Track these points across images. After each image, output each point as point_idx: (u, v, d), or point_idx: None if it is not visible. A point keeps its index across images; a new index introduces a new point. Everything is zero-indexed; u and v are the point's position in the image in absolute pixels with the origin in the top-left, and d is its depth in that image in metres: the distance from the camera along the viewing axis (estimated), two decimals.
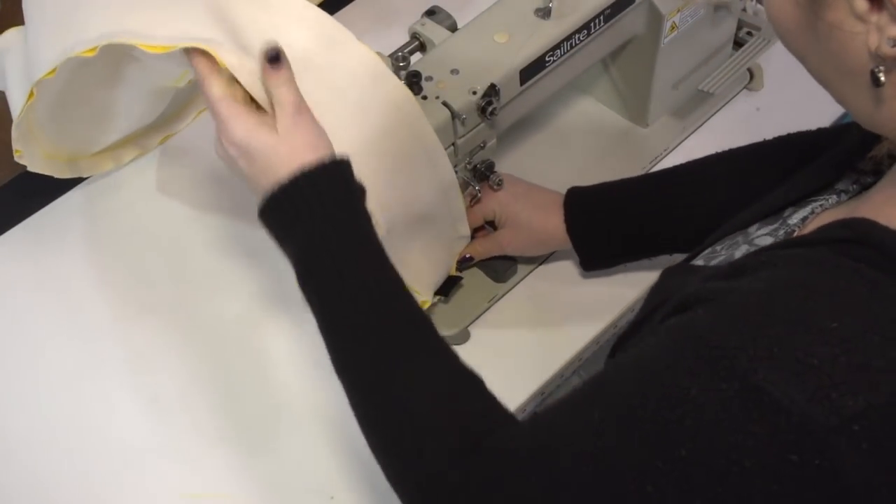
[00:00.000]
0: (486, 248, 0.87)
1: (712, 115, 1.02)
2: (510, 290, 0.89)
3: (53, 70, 0.72)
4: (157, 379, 0.85)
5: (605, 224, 0.83)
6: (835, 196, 0.61)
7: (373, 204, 0.63)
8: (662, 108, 0.99)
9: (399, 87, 0.70)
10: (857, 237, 0.48)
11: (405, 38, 0.83)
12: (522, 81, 0.80)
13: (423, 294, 0.81)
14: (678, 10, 0.89)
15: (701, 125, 1.01)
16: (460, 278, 0.87)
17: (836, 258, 0.48)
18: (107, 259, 0.93)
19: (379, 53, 0.80)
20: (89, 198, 0.98)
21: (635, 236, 0.83)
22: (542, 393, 0.84)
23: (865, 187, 0.60)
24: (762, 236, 0.63)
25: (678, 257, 0.71)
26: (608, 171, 0.96)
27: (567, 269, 0.90)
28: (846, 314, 0.45)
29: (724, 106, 1.02)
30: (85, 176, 0.97)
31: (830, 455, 0.42)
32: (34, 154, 0.88)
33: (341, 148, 0.63)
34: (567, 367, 0.85)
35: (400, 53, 0.77)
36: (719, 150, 0.82)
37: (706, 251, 0.66)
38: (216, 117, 0.62)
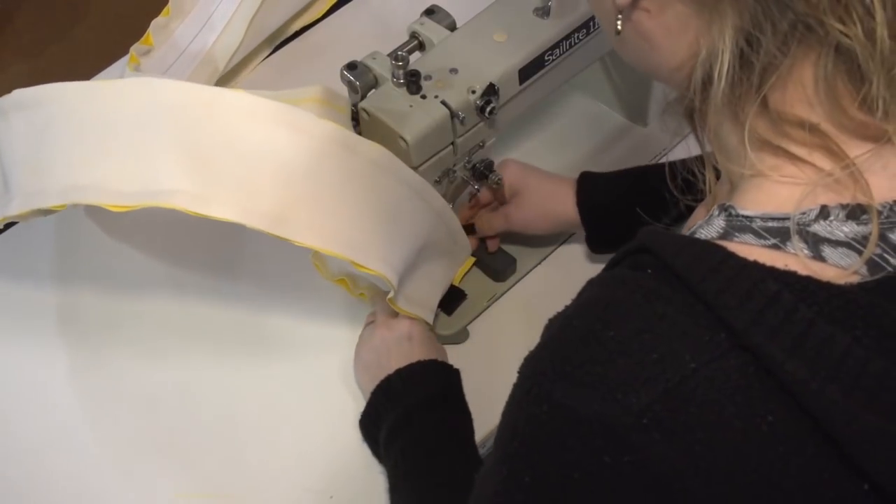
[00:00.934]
0: (491, 222, 0.88)
1: None
2: (509, 289, 0.89)
3: (23, 213, 0.74)
4: (156, 378, 0.85)
5: (615, 202, 0.84)
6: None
7: (380, 261, 0.72)
8: (662, 106, 0.99)
9: (370, 145, 0.72)
10: (642, 246, 0.51)
11: (404, 38, 0.83)
12: (521, 80, 0.80)
13: (426, 317, 0.81)
14: None
15: None
16: (464, 294, 0.87)
17: (622, 272, 0.51)
18: (106, 255, 0.93)
19: (377, 53, 0.80)
20: None
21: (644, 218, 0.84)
22: None
23: None
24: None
25: None
26: (607, 170, 0.96)
27: (566, 268, 0.89)
28: (622, 322, 0.48)
29: None
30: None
31: (634, 450, 0.45)
32: None
33: (341, 223, 0.71)
34: None
35: (399, 52, 0.77)
36: None
37: None
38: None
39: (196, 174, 0.68)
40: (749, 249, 0.48)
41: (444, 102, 0.75)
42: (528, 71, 0.80)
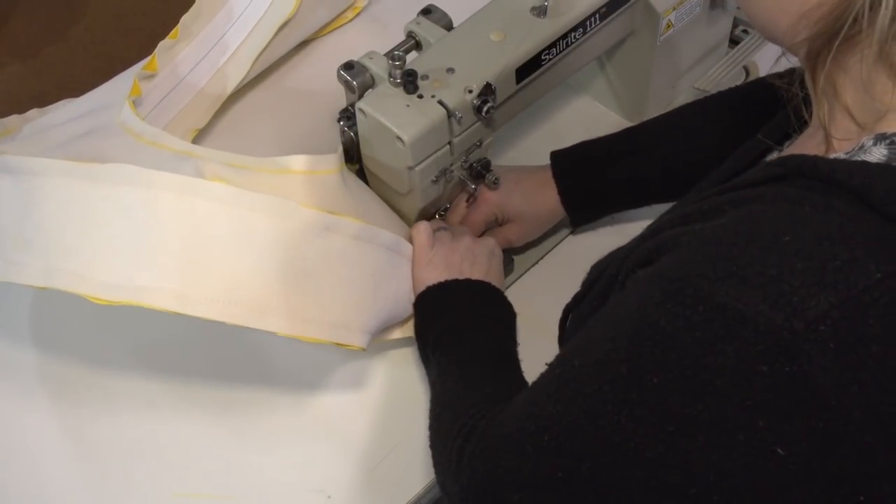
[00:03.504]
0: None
1: None
2: (506, 289, 0.89)
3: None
4: (155, 378, 0.84)
5: (592, 173, 0.86)
6: None
7: (359, 332, 0.75)
8: (659, 106, 0.99)
9: (350, 224, 0.74)
10: (789, 172, 0.50)
11: (401, 37, 0.83)
12: (518, 80, 0.80)
13: (356, 340, 0.75)
14: (673, 8, 0.89)
15: None
16: None
17: (776, 189, 0.50)
18: None
19: (373, 52, 0.80)
20: None
21: (620, 185, 0.85)
22: None
23: None
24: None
25: (660, 209, 0.72)
26: None
27: (562, 268, 0.90)
28: (797, 227, 0.46)
29: None
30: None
31: (799, 360, 0.43)
32: None
33: (323, 306, 0.72)
34: None
35: (396, 52, 0.77)
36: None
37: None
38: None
39: (175, 269, 0.68)
40: None
41: (441, 102, 0.75)
42: (525, 70, 0.80)
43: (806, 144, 0.59)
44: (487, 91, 0.76)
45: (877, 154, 0.50)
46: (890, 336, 0.44)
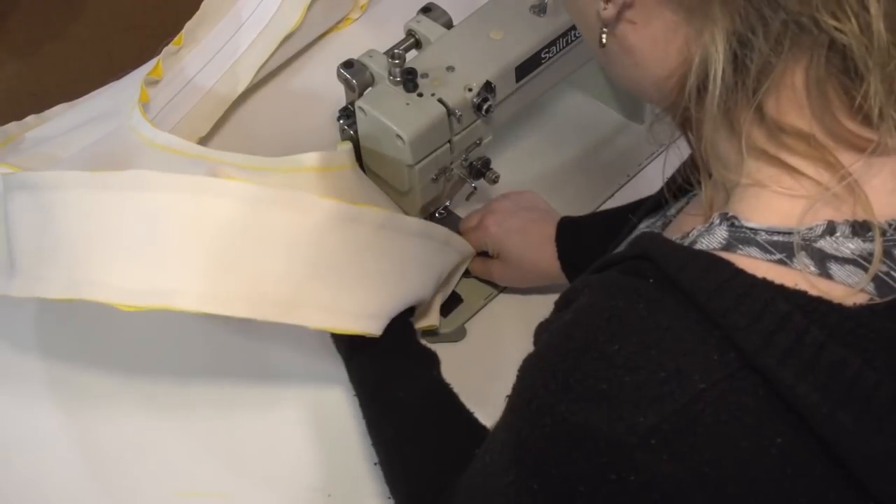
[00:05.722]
0: (478, 269, 0.88)
1: None
2: (506, 287, 0.89)
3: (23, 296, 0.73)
4: (154, 376, 0.85)
5: (594, 243, 0.82)
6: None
7: (385, 320, 0.74)
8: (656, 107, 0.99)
9: (373, 213, 0.73)
10: (640, 253, 0.50)
11: (401, 35, 0.83)
12: (518, 78, 0.80)
13: (433, 320, 0.83)
14: None
15: None
16: (459, 298, 0.88)
17: (621, 279, 0.50)
18: None
19: (373, 51, 0.80)
20: None
21: None
22: None
23: None
24: (644, 230, 0.66)
25: None
26: (604, 167, 0.96)
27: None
28: (626, 335, 0.47)
29: None
30: None
31: (640, 469, 0.44)
32: None
33: (352, 296, 0.72)
34: None
35: (395, 51, 0.77)
36: None
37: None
38: None
39: (200, 269, 0.68)
40: (755, 264, 0.46)
41: (440, 100, 0.75)
42: (524, 68, 0.80)
43: (685, 218, 0.59)
44: (487, 89, 0.76)
45: (718, 236, 0.48)
46: (719, 442, 0.44)
